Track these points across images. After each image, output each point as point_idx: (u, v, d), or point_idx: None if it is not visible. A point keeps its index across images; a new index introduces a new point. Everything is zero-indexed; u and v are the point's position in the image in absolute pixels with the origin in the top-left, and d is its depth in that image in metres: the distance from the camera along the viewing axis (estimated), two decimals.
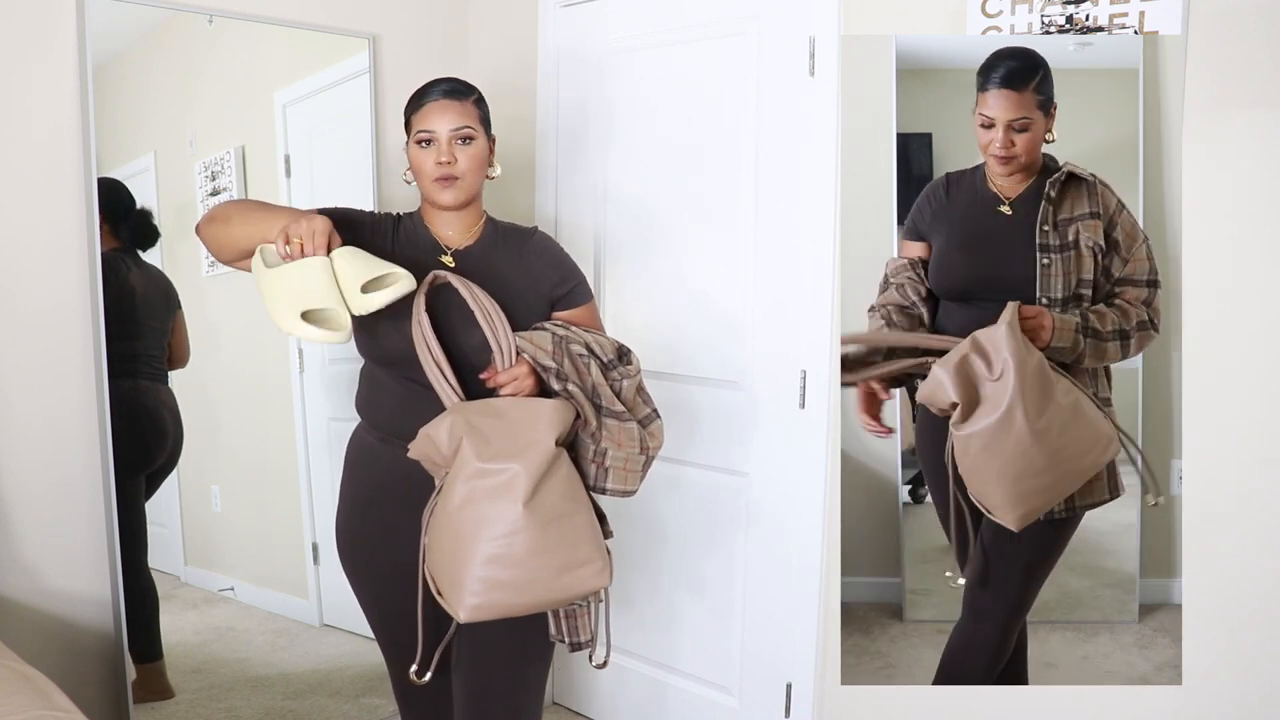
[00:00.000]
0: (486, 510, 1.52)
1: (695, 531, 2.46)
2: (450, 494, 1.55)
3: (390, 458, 1.74)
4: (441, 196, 1.74)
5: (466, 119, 1.73)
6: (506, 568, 1.52)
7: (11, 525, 2.15)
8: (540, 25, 2.66)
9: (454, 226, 1.80)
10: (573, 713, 2.77)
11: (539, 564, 1.53)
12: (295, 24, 2.47)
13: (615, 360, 1.70)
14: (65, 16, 2.13)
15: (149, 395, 2.38)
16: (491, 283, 1.71)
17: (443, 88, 1.76)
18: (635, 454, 1.67)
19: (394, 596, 1.78)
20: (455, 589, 1.54)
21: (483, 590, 1.52)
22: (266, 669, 2.50)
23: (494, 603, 1.54)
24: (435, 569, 1.59)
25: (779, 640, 2.33)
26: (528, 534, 1.52)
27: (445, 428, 1.55)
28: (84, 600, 2.24)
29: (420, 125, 1.74)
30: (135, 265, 2.31)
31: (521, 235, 1.84)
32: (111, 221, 2.26)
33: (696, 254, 2.41)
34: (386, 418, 1.77)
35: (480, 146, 1.76)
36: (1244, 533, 1.74)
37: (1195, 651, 1.80)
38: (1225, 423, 1.75)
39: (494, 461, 1.52)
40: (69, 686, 1.72)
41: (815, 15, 2.14)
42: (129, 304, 2.28)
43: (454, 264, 1.76)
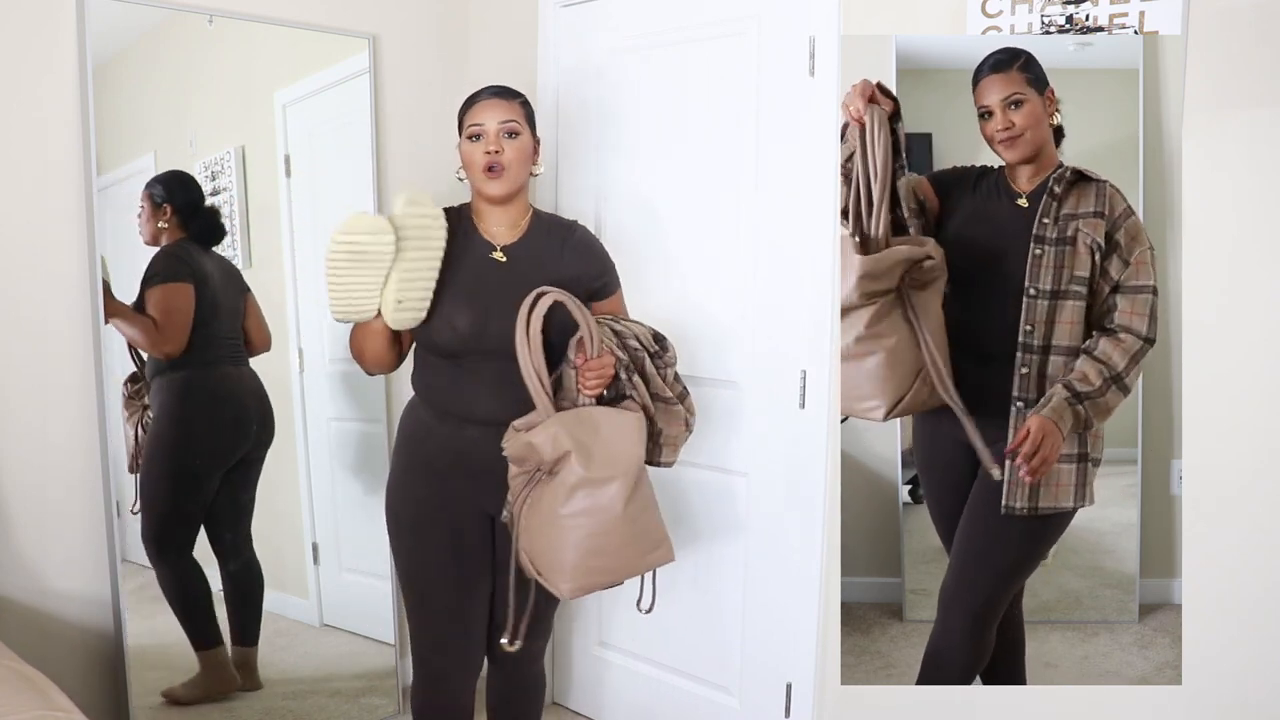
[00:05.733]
0: (590, 514, 1.75)
1: (695, 531, 2.46)
2: (555, 498, 1.75)
3: (442, 432, 1.91)
4: (489, 187, 1.87)
5: (513, 114, 1.88)
6: (602, 558, 1.77)
7: (11, 525, 2.15)
8: (540, 25, 2.66)
9: (502, 222, 1.93)
10: (573, 713, 2.78)
11: (628, 553, 1.80)
12: (295, 24, 2.47)
13: (658, 350, 1.89)
14: (65, 16, 2.13)
15: (232, 381, 2.43)
16: (538, 275, 1.86)
17: (493, 89, 1.92)
18: (683, 431, 1.92)
19: (428, 551, 1.95)
20: (557, 573, 1.77)
21: (583, 575, 1.77)
22: (266, 669, 2.50)
23: (590, 584, 1.79)
24: (535, 554, 1.78)
25: (779, 640, 2.33)
26: (620, 532, 1.77)
27: (548, 438, 1.73)
28: (84, 600, 2.24)
29: (471, 120, 1.88)
30: (202, 252, 2.35)
31: (564, 230, 1.98)
32: (181, 214, 2.31)
33: (696, 254, 2.41)
34: (440, 397, 1.92)
35: (525, 142, 1.89)
36: (1244, 533, 1.74)
37: (1195, 651, 1.80)
38: (1225, 423, 1.75)
39: (599, 473, 1.75)
40: (69, 686, 1.72)
41: (815, 15, 2.14)
42: (204, 287, 2.31)
43: (504, 259, 1.90)
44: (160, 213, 2.29)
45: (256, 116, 2.48)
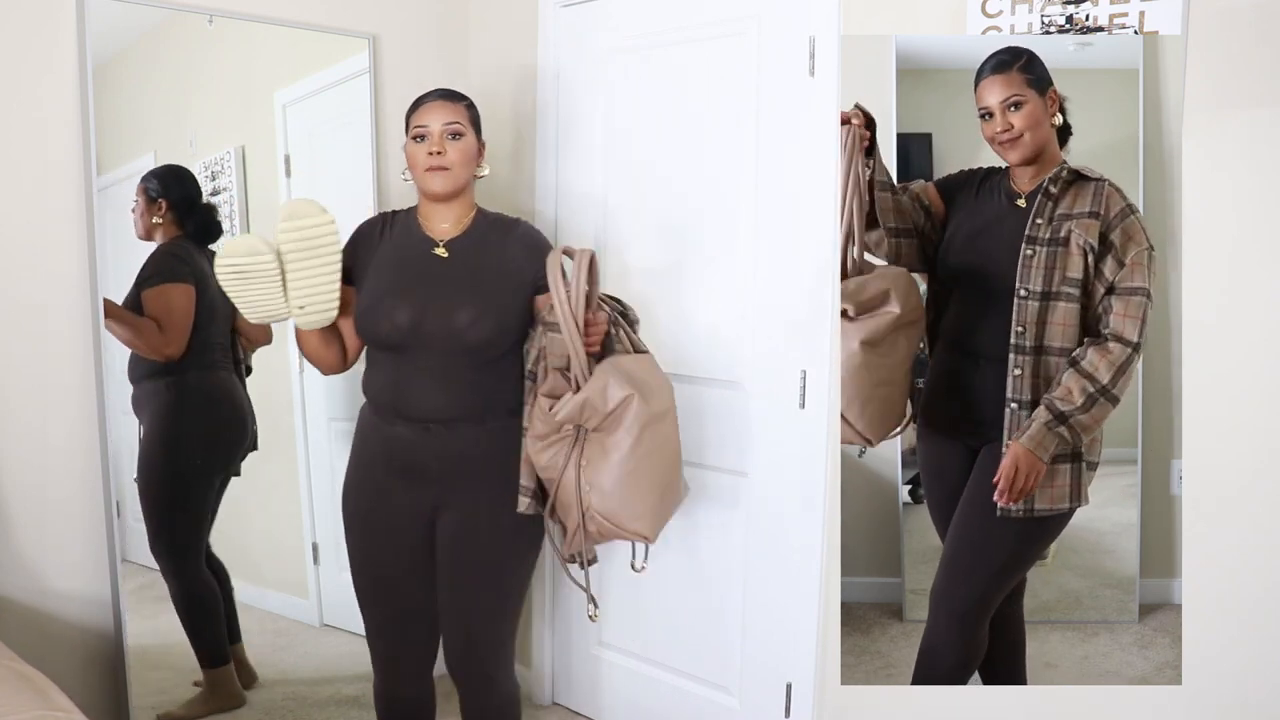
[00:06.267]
0: (660, 450, 1.85)
1: (695, 531, 2.46)
2: (623, 445, 1.80)
3: (383, 430, 1.94)
4: (432, 185, 1.91)
5: (457, 116, 1.93)
6: (671, 492, 1.90)
7: (11, 525, 2.15)
8: (540, 25, 2.66)
9: (446, 219, 1.97)
10: (573, 713, 2.77)
11: (679, 485, 1.94)
12: (295, 24, 2.47)
13: (624, 309, 1.98)
14: (65, 16, 2.13)
15: (233, 388, 2.40)
16: (481, 267, 1.92)
17: (439, 91, 1.98)
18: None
19: (370, 547, 2.00)
20: (640, 519, 1.84)
21: (661, 514, 1.87)
22: (266, 669, 2.50)
23: (663, 521, 1.89)
24: (613, 510, 1.83)
25: (779, 640, 2.33)
26: (675, 464, 1.90)
27: (600, 389, 1.78)
28: (84, 600, 2.24)
29: (416, 122, 1.93)
30: (198, 251, 2.33)
31: (508, 225, 2.01)
32: (177, 210, 2.28)
33: (696, 254, 2.41)
34: (382, 394, 1.95)
35: (469, 143, 1.94)
36: (1244, 533, 1.74)
37: (1195, 651, 1.79)
38: (1225, 423, 1.75)
39: (658, 406, 1.84)
40: (69, 686, 1.72)
41: (815, 15, 2.14)
42: (204, 289, 2.30)
43: (446, 254, 1.94)
44: (155, 208, 2.27)
45: (256, 116, 2.48)
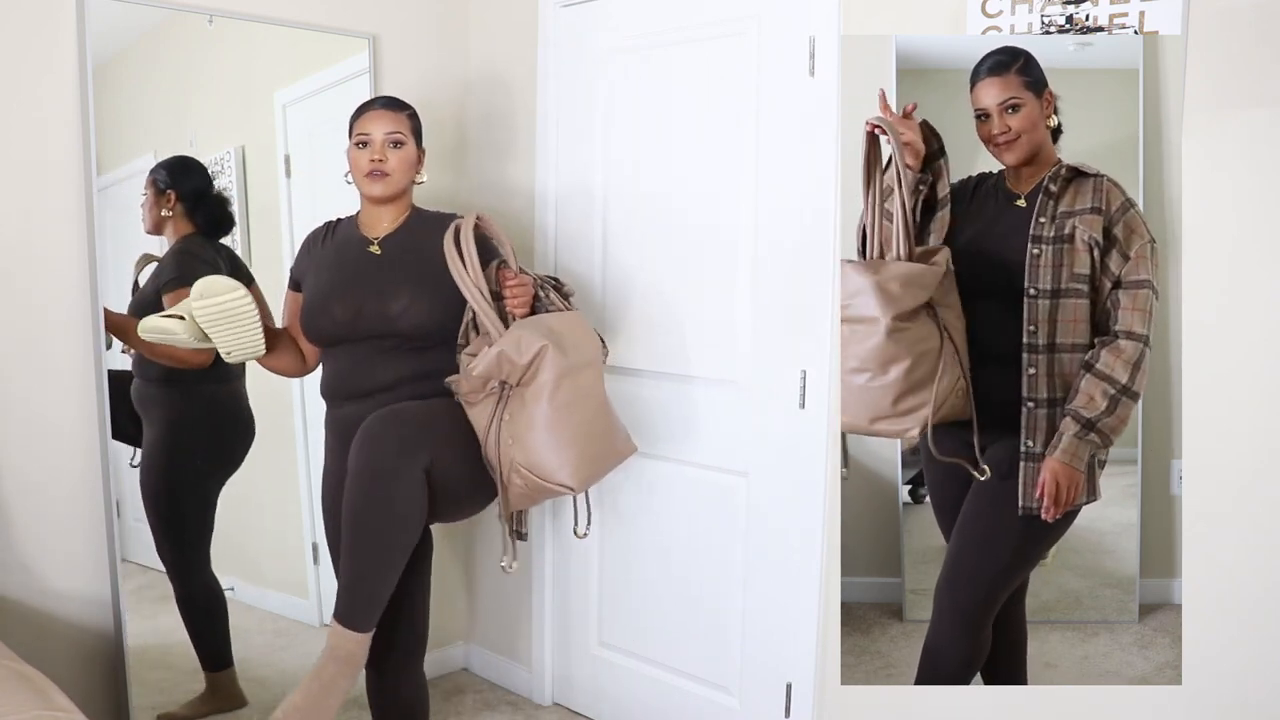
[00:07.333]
0: (578, 402, 1.87)
1: (695, 531, 2.46)
2: (539, 397, 1.83)
3: (336, 418, 2.05)
4: (372, 189, 2.02)
5: (399, 126, 2.03)
6: (598, 443, 1.92)
7: (11, 525, 2.15)
8: (540, 25, 2.66)
9: (383, 219, 2.07)
10: (573, 713, 2.77)
11: (612, 439, 1.97)
12: (295, 24, 2.47)
13: (557, 282, 2.04)
14: (65, 16, 2.13)
15: (244, 398, 2.39)
16: (412, 258, 2.01)
17: (383, 100, 2.09)
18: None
19: (333, 521, 2.05)
20: (561, 470, 1.85)
21: (587, 465, 1.88)
22: (266, 669, 2.50)
23: (593, 474, 1.92)
24: (534, 462, 1.85)
25: (779, 640, 2.33)
26: (605, 417, 1.94)
27: (514, 342, 1.81)
28: (84, 600, 2.24)
29: (360, 129, 2.03)
30: (211, 246, 2.28)
31: (442, 219, 2.07)
32: (187, 202, 2.24)
33: (697, 253, 2.41)
34: (331, 384, 2.07)
35: (410, 152, 2.05)
36: (1244, 533, 1.74)
37: (1195, 651, 1.79)
38: (1225, 423, 1.75)
39: (576, 358, 1.86)
40: (69, 686, 1.72)
41: (815, 15, 2.14)
42: None
43: (379, 250, 2.04)
44: (164, 200, 2.24)
45: (256, 116, 2.48)
